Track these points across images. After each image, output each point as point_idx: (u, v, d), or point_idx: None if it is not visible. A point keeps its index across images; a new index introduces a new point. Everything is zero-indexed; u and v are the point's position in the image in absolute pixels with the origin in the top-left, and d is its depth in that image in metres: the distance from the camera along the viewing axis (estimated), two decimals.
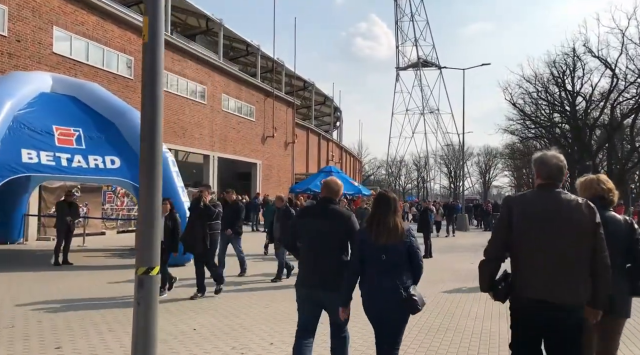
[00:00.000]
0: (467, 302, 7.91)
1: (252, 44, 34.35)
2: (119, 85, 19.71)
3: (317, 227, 3.91)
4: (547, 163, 3.07)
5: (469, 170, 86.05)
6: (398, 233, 3.57)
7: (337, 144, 54.21)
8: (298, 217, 4.26)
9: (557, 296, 2.85)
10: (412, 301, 3.50)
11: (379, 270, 3.54)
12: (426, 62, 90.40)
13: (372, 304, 3.58)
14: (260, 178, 31.97)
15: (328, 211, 3.94)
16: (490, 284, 3.11)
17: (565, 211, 2.93)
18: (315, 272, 3.86)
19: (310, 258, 3.93)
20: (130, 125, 11.65)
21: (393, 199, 3.76)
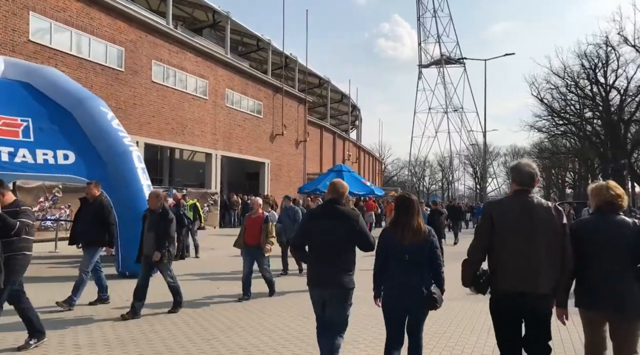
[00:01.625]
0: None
1: (262, 38, 32.87)
2: (107, 77, 18.37)
3: (324, 228, 4.02)
4: (521, 171, 3.49)
5: (495, 170, 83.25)
6: (421, 234, 3.76)
7: (354, 143, 52.35)
8: (306, 219, 4.41)
9: (533, 287, 3.30)
10: (432, 299, 3.71)
11: (402, 269, 3.73)
12: (449, 59, 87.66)
13: (394, 301, 3.78)
14: (268, 178, 30.39)
15: (335, 212, 4.07)
16: (472, 280, 3.53)
17: (538, 213, 3.37)
18: (323, 271, 4.02)
19: (318, 258, 4.08)
20: (90, 114, 10.14)
21: (415, 201, 3.92)
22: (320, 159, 39.55)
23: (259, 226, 7.80)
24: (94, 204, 7.41)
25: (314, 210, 4.65)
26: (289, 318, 6.77)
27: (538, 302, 3.32)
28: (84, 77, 17.30)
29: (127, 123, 19.25)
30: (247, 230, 7.92)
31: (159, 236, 6.66)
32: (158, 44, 20.91)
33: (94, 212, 7.30)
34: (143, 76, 20.12)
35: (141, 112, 20.05)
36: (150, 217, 6.89)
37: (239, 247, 8.06)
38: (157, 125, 20.98)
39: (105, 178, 9.77)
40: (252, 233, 7.84)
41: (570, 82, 34.07)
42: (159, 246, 6.65)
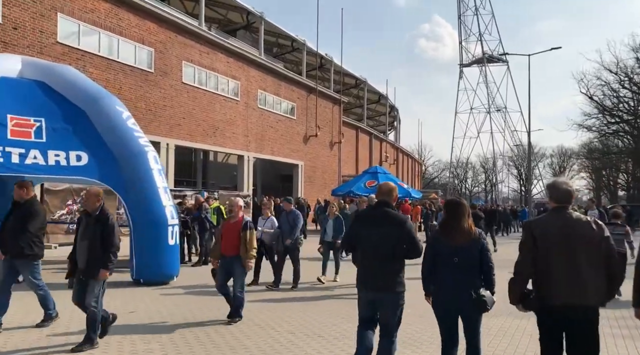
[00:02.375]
0: None
1: (297, 39, 32.36)
2: (136, 78, 18.20)
3: (372, 231, 4.03)
4: (558, 189, 3.61)
5: (540, 172, 79.98)
6: (470, 236, 3.83)
7: (392, 144, 51.17)
8: (355, 222, 4.39)
9: (582, 299, 3.35)
10: (481, 302, 3.73)
11: (451, 271, 3.77)
12: (492, 58, 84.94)
13: (445, 303, 3.82)
14: (302, 180, 29.79)
15: (382, 215, 4.07)
16: (520, 298, 3.55)
17: (577, 229, 3.45)
18: (371, 274, 4.04)
19: (367, 261, 4.09)
20: (104, 113, 9.74)
21: (464, 204, 3.97)
22: (356, 160, 38.68)
23: (237, 233, 6.52)
24: (24, 207, 6.07)
25: (361, 213, 4.78)
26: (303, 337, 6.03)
27: (586, 314, 3.39)
28: (113, 78, 17.17)
29: (157, 125, 19.06)
30: (224, 238, 6.62)
31: (97, 247, 5.21)
32: (188, 44, 20.66)
33: (21, 217, 5.98)
34: (173, 77, 19.89)
35: (171, 113, 19.82)
36: (85, 221, 5.40)
37: (214, 257, 6.80)
38: (188, 127, 20.72)
39: (119, 179, 9.38)
40: (230, 241, 6.56)
41: (623, 77, 31.96)
42: (102, 261, 5.21)
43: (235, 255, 6.47)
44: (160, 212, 9.40)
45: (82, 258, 5.30)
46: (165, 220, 9.40)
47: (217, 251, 6.76)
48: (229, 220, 6.87)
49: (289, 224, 9.24)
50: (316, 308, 7.74)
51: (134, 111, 17.90)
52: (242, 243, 6.46)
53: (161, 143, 19.28)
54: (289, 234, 9.18)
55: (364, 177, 25.75)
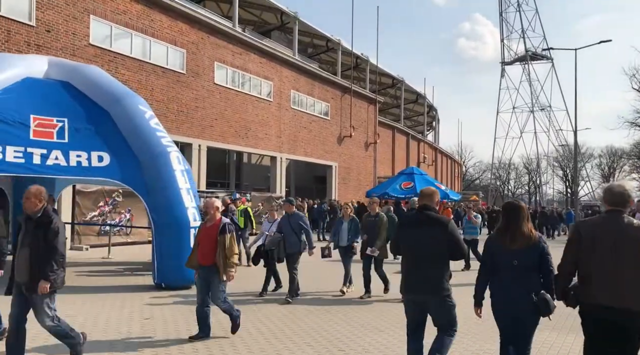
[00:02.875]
0: None
1: (332, 38, 31.97)
2: (168, 80, 18.20)
3: (416, 235, 4.10)
4: (612, 192, 3.62)
5: (588, 173, 76.59)
6: (530, 239, 3.78)
7: (430, 144, 49.99)
8: (400, 226, 4.56)
9: (623, 302, 3.37)
10: (544, 305, 3.67)
11: (510, 275, 3.75)
12: (535, 55, 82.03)
13: (503, 307, 3.81)
14: (336, 181, 29.31)
15: (425, 218, 4.13)
16: (564, 294, 3.66)
17: (628, 233, 3.45)
18: (417, 278, 4.07)
19: (412, 265, 4.13)
20: (127, 113, 9.56)
21: (523, 207, 3.94)
22: (393, 161, 37.88)
23: (214, 239, 5.64)
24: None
25: (406, 217, 4.83)
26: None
27: (627, 317, 3.38)
28: (145, 79, 17.21)
29: (189, 126, 19.01)
30: (201, 244, 5.76)
31: (40, 255, 4.42)
32: (220, 45, 20.57)
33: None
34: (205, 78, 19.83)
35: (203, 115, 19.75)
36: (25, 226, 4.59)
37: (192, 266, 5.93)
38: (220, 128, 20.62)
39: (141, 180, 9.17)
40: (207, 248, 5.67)
41: None
42: (42, 271, 4.38)
43: (211, 265, 5.64)
44: (183, 214, 9.12)
45: (22, 270, 4.44)
46: (187, 222, 9.12)
47: (194, 260, 5.84)
48: (205, 224, 5.90)
49: (290, 227, 8.24)
50: (332, 317, 7.24)
51: (165, 112, 17.96)
52: (220, 249, 5.59)
53: (193, 144, 19.24)
54: (294, 242, 8.20)
55: (399, 179, 25.06)
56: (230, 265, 5.63)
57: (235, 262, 5.72)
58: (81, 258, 13.01)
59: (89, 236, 15.21)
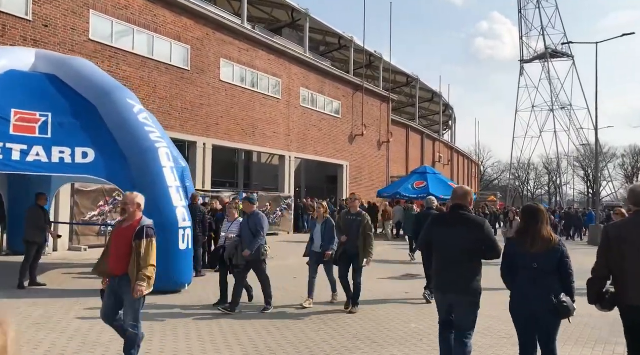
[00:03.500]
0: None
1: (344, 36, 31.35)
2: (172, 76, 17.79)
3: (449, 234, 4.09)
4: (635, 192, 3.75)
5: (610, 173, 74.53)
6: (550, 243, 3.81)
7: (445, 144, 48.98)
8: (431, 225, 4.37)
9: None
10: (563, 308, 3.68)
11: (530, 278, 3.77)
12: (555, 53, 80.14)
13: (523, 310, 3.82)
14: (347, 181, 28.66)
15: (459, 218, 4.12)
16: (598, 298, 3.77)
17: None
18: (448, 277, 4.09)
19: (443, 264, 4.14)
20: (114, 107, 9.11)
21: (542, 210, 3.98)
22: (407, 160, 37.07)
23: (129, 243, 4.61)
24: None
25: (439, 216, 4.82)
26: None
27: None
28: (147, 76, 16.82)
29: (194, 124, 18.59)
30: (113, 248, 4.73)
31: None
32: (227, 41, 20.12)
33: None
34: (210, 75, 19.39)
35: (209, 112, 19.32)
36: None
37: (99, 273, 4.92)
38: (226, 126, 20.16)
39: (127, 178, 8.68)
40: (120, 253, 4.64)
41: None
42: None
43: (124, 275, 4.58)
44: (170, 214, 8.63)
45: None
46: (175, 223, 8.62)
47: (104, 266, 4.79)
48: (122, 224, 4.84)
49: (249, 229, 7.19)
50: (320, 328, 6.64)
51: (169, 110, 17.56)
52: (134, 257, 4.55)
53: (197, 143, 18.81)
54: (249, 243, 7.12)
55: (412, 178, 24.35)
56: (142, 278, 4.48)
57: (149, 275, 4.54)
58: (80, 259, 12.65)
59: (88, 236, 14.86)
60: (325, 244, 7.57)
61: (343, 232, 7.43)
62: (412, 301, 8.44)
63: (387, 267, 12.62)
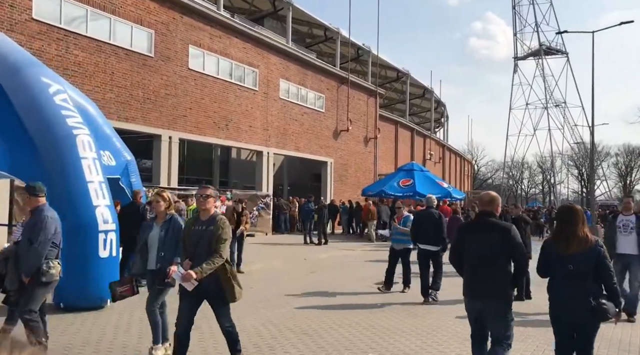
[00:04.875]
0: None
1: (330, 27, 29.89)
2: (132, 63, 16.25)
3: (478, 241, 4.03)
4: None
5: (604, 172, 73.58)
6: (587, 243, 3.76)
7: (437, 141, 47.61)
8: (461, 232, 4.33)
9: None
10: (602, 309, 3.62)
11: (566, 280, 3.76)
12: (550, 49, 79.13)
13: (560, 312, 3.84)
14: (332, 179, 27.19)
15: (487, 224, 4.06)
16: None
17: None
18: (477, 284, 4.01)
19: (473, 271, 4.07)
20: (24, 86, 7.57)
21: (579, 210, 3.95)
22: (396, 158, 35.65)
23: None
24: None
25: (467, 223, 4.98)
26: None
27: None
28: (103, 62, 15.28)
29: (158, 115, 17.06)
30: None
31: None
32: (196, 27, 18.58)
33: None
34: (177, 63, 17.85)
35: (175, 103, 17.78)
36: None
37: None
38: (195, 118, 18.63)
39: (37, 171, 7.16)
40: None
41: None
42: None
43: None
44: (88, 214, 7.15)
45: None
46: (94, 225, 7.14)
47: None
48: None
49: (28, 234, 4.98)
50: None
51: (128, 99, 16.01)
52: None
53: (162, 136, 17.28)
54: (23, 259, 4.87)
55: (397, 175, 22.92)
56: None
57: None
58: None
59: None
60: (166, 256, 4.93)
61: (186, 252, 4.64)
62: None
63: (365, 273, 11.18)
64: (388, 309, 7.79)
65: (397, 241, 9.34)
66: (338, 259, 14.43)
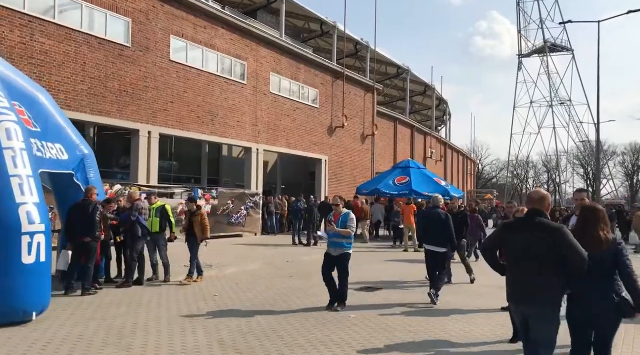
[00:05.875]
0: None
1: (327, 21, 28.87)
2: (107, 53, 15.27)
3: (523, 241, 3.87)
4: None
5: (610, 171, 72.18)
6: (607, 242, 3.82)
7: (438, 139, 46.45)
8: (502, 232, 4.19)
9: None
10: (626, 305, 3.70)
11: (588, 279, 3.71)
12: (555, 46, 77.65)
13: (580, 311, 3.82)
14: (326, 177, 26.14)
15: (536, 224, 3.88)
16: None
17: None
18: (523, 287, 3.85)
19: (518, 273, 3.91)
20: None
21: (599, 209, 3.99)
22: (395, 156, 34.55)
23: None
24: None
25: (511, 222, 4.46)
26: None
27: None
28: (74, 51, 14.31)
29: (135, 109, 16.10)
30: None
31: None
32: (178, 16, 17.59)
33: None
34: (158, 54, 16.87)
35: (155, 96, 16.80)
36: None
37: None
38: (177, 112, 17.64)
39: None
40: None
41: None
42: None
43: None
44: (9, 214, 6.14)
45: None
46: (15, 226, 6.14)
47: None
48: None
49: None
50: None
51: (102, 92, 15.04)
52: None
53: (140, 131, 16.31)
54: None
55: (393, 173, 21.85)
56: None
57: None
58: None
59: None
60: None
61: None
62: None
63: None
64: (360, 323, 6.74)
65: (335, 245, 7.47)
66: None
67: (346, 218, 7.50)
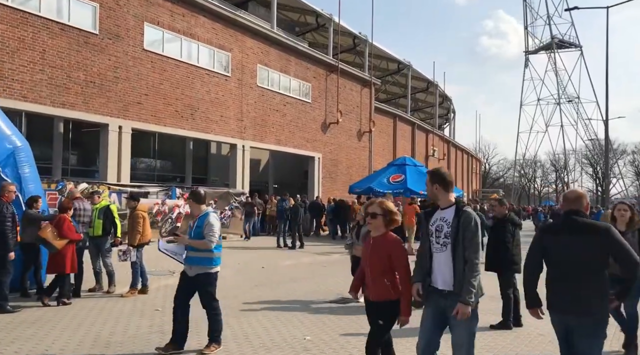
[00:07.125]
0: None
1: (322, 13, 27.55)
2: (71, 41, 14.07)
3: (564, 244, 3.57)
4: None
5: (620, 170, 70.31)
6: None
7: (441, 136, 45.00)
8: (542, 235, 3.81)
9: None
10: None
11: None
12: (562, 42, 75.89)
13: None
14: (320, 176, 24.82)
15: (575, 225, 3.58)
16: None
17: None
18: (565, 295, 3.56)
19: (559, 279, 3.61)
20: None
21: None
22: (394, 154, 33.15)
23: None
24: None
25: (550, 224, 4.22)
26: None
27: None
28: (31, 37, 13.12)
29: (104, 101, 14.88)
30: None
31: None
32: (152, 2, 16.38)
33: None
34: (130, 42, 15.65)
35: (126, 88, 15.58)
36: None
37: None
38: (152, 106, 16.41)
39: None
40: None
41: None
42: None
43: None
44: None
45: None
46: None
47: None
48: None
49: None
50: None
51: (65, 82, 13.81)
52: None
53: (110, 125, 15.09)
54: None
55: (388, 171, 20.50)
56: None
57: None
58: None
59: None
60: None
61: None
62: None
63: (324, 286, 8.80)
64: (314, 347, 5.44)
65: (191, 261, 5.16)
66: (303, 267, 12.11)
67: (202, 222, 5.10)
